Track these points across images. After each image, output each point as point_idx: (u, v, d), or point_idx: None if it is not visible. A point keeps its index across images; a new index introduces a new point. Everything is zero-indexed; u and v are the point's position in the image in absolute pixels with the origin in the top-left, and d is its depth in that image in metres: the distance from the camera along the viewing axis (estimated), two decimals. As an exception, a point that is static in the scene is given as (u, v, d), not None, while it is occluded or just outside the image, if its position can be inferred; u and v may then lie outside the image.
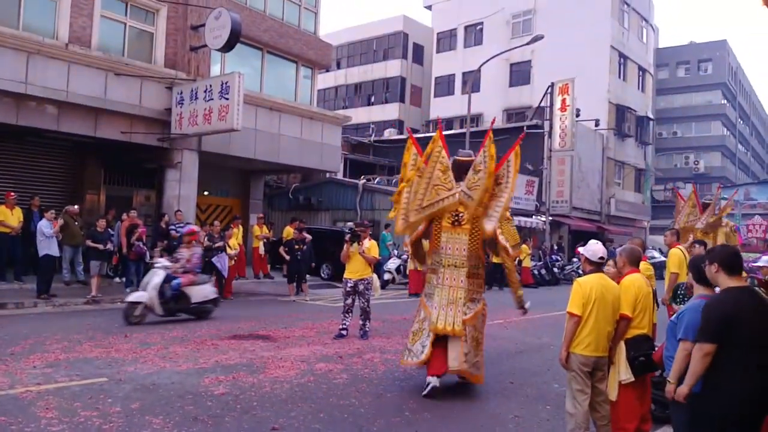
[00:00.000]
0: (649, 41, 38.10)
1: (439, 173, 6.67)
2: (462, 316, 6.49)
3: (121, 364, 7.20)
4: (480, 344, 6.73)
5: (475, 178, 6.56)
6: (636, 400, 5.06)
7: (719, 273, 3.65)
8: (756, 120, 66.52)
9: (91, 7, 13.85)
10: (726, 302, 3.53)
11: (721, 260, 3.67)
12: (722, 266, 3.65)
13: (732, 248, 3.91)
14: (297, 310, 12.58)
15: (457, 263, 6.63)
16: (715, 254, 3.75)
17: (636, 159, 36.13)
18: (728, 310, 3.47)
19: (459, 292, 6.58)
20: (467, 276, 6.63)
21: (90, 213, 16.03)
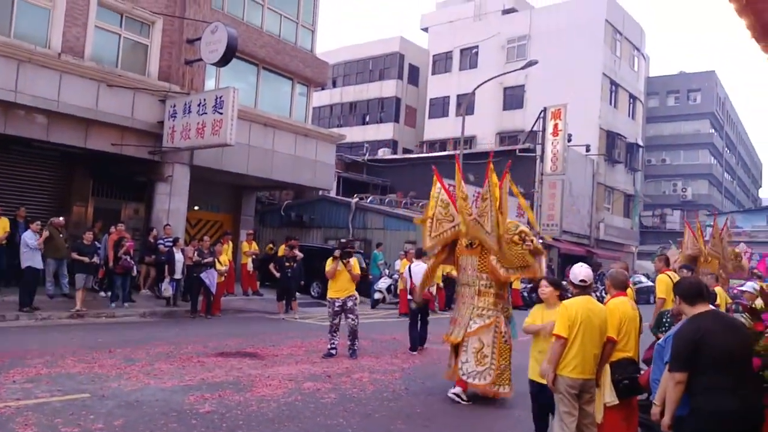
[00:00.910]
0: (640, 70, 38.59)
1: (440, 209, 7.63)
2: (465, 329, 7.15)
3: (104, 379, 7.02)
4: (485, 357, 7.07)
5: (483, 205, 7.15)
6: (622, 422, 5.09)
7: (682, 305, 3.84)
8: (742, 149, 67.39)
9: (86, 17, 13.78)
10: (690, 330, 3.66)
11: (681, 292, 3.86)
12: (683, 298, 3.83)
13: (690, 279, 4.11)
14: (286, 328, 12.41)
15: (470, 282, 7.38)
16: (677, 287, 3.93)
17: (625, 185, 36.37)
18: (692, 337, 3.60)
19: (468, 309, 7.31)
20: (477, 294, 7.32)
21: (77, 225, 15.79)
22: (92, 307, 12.49)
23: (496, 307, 7.27)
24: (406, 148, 39.07)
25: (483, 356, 7.06)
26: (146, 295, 14.55)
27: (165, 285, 13.59)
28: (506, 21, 36.92)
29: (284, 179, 18.71)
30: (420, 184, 27.99)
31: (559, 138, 27.37)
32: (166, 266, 13.59)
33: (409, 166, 31.40)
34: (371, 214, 23.06)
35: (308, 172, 19.20)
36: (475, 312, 7.21)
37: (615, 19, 34.17)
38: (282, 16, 18.97)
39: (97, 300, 13.36)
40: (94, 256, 12.46)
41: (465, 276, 7.44)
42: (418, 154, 34.79)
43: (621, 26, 34.78)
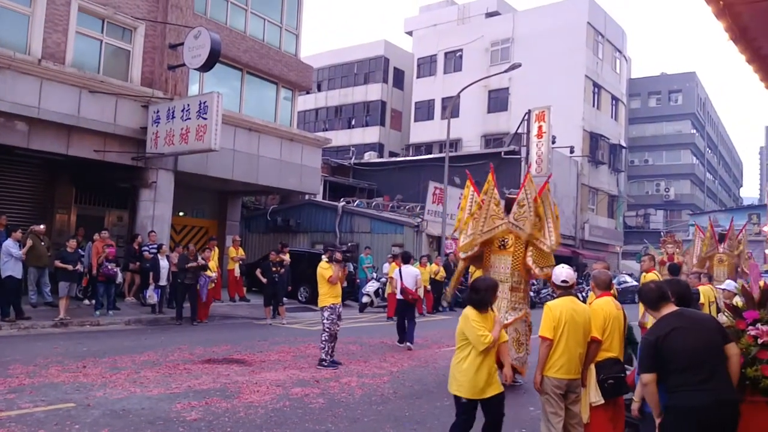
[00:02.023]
0: (622, 72, 38.93)
1: (493, 206, 8.19)
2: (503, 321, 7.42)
3: (89, 388, 6.92)
4: (522, 345, 8.14)
5: (521, 211, 8.03)
6: (609, 422, 5.09)
7: (648, 311, 3.91)
8: (723, 149, 68.22)
9: (66, 23, 13.64)
10: (651, 333, 3.72)
11: (643, 300, 3.92)
12: (646, 305, 3.89)
13: (649, 285, 4.06)
14: (273, 333, 12.33)
15: (503, 278, 7.99)
16: (640, 297, 4.03)
17: (609, 186, 36.64)
18: (653, 341, 3.66)
19: (502, 302, 7.87)
20: (510, 289, 8.11)
21: (60, 233, 15.63)
22: (76, 315, 12.33)
23: (525, 301, 8.37)
24: (393, 151, 39.12)
25: (520, 344, 8.11)
26: (131, 303, 14.40)
27: (150, 292, 13.46)
28: (489, 24, 37.12)
29: (270, 184, 18.64)
30: (407, 187, 28.08)
31: (543, 140, 27.53)
32: (151, 273, 13.46)
33: (396, 170, 31.45)
34: (358, 218, 23.04)
35: (294, 176, 19.14)
36: (509, 305, 8.09)
37: (597, 22, 34.46)
38: (266, 21, 18.93)
39: (81, 308, 13.20)
40: (78, 263, 12.31)
41: (497, 274, 8.14)
42: (404, 158, 34.86)
43: (603, 29, 35.09)
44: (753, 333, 4.00)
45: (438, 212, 21.55)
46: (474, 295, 4.86)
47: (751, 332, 4.00)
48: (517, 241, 8.15)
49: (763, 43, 5.17)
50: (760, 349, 3.92)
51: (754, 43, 5.31)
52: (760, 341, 3.94)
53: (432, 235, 22.01)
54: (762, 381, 3.83)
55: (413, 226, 22.04)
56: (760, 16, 4.82)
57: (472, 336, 4.65)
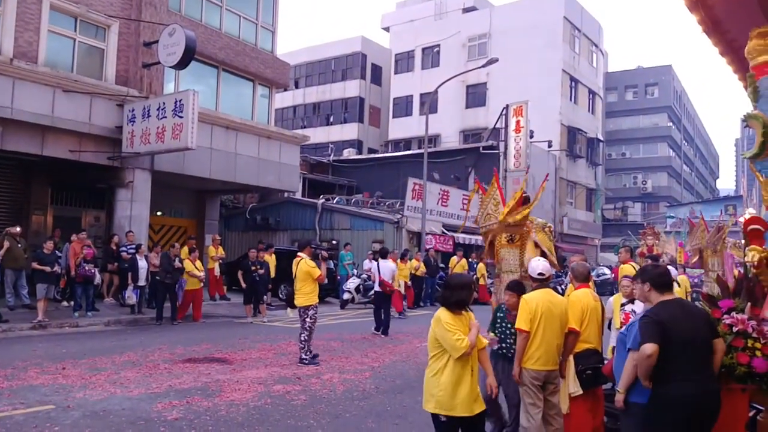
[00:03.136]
0: (599, 66, 39.34)
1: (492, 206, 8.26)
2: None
3: (69, 390, 6.88)
4: None
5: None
6: (588, 412, 5.16)
7: (651, 291, 3.84)
8: (699, 142, 69.18)
9: (38, 21, 13.43)
10: (659, 312, 3.70)
11: (651, 279, 3.86)
12: (653, 285, 3.83)
13: (661, 268, 4.09)
14: (254, 331, 12.31)
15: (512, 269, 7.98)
16: (647, 274, 3.92)
17: (587, 179, 37.04)
18: (662, 318, 3.64)
19: None
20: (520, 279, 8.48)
21: (36, 234, 15.42)
22: (55, 317, 12.21)
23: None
24: (371, 147, 39.12)
25: None
26: (110, 304, 14.27)
27: (129, 292, 13.37)
28: (467, 19, 37.24)
29: (248, 182, 18.55)
30: (386, 184, 28.12)
31: (521, 134, 27.72)
32: (130, 274, 13.36)
33: (375, 166, 31.47)
34: (338, 215, 23.05)
35: (273, 174, 19.07)
36: None
37: (573, 16, 34.77)
38: (241, 18, 18.81)
39: (59, 310, 13.07)
40: (55, 265, 12.18)
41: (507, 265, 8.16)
42: (383, 154, 34.88)
43: (579, 23, 35.41)
44: (728, 321, 4.06)
45: (417, 208, 21.61)
46: (447, 294, 4.17)
47: (726, 321, 4.07)
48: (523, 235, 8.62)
49: (736, 35, 5.20)
50: (735, 337, 3.98)
51: (727, 35, 5.36)
52: (735, 329, 4.01)
53: (412, 230, 22.09)
54: (737, 368, 3.90)
55: (393, 222, 22.10)
56: (732, 8, 4.86)
57: (447, 342, 3.95)
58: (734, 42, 5.33)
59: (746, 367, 3.88)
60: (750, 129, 4.56)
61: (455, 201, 25.10)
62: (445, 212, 24.37)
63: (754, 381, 3.91)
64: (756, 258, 4.09)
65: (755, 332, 3.95)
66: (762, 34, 4.42)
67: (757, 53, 4.46)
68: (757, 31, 4.45)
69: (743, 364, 3.89)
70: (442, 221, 24.03)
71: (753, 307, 4.12)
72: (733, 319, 4.05)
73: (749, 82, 4.52)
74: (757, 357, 3.87)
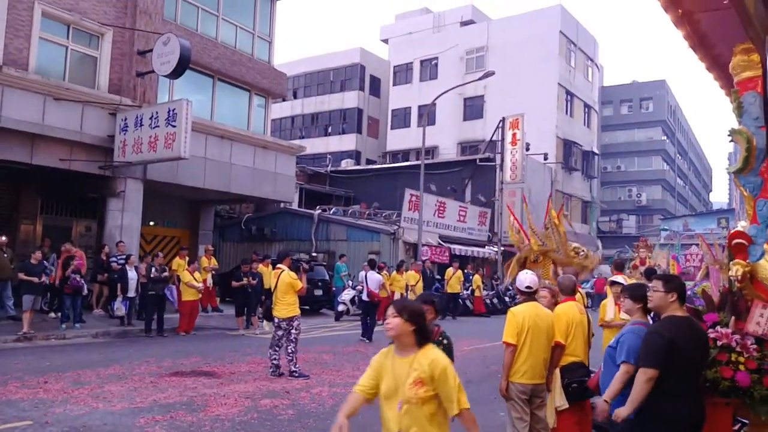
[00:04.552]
0: (594, 80, 39.45)
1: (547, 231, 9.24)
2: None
3: (49, 405, 6.65)
4: None
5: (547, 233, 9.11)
6: (575, 426, 5.15)
7: (675, 302, 3.77)
8: (693, 156, 69.48)
9: (29, 28, 13.28)
10: (670, 330, 3.66)
11: (679, 291, 3.81)
12: (680, 297, 3.80)
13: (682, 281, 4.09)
14: (245, 344, 12.08)
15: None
16: (676, 285, 3.85)
17: (582, 192, 37.01)
18: (671, 337, 3.60)
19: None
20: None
21: (25, 244, 15.21)
22: (41, 329, 11.95)
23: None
24: (369, 158, 39.04)
25: None
26: (99, 315, 14.03)
27: (118, 304, 13.13)
28: (465, 33, 37.37)
29: (243, 192, 18.36)
30: (383, 195, 27.98)
31: (517, 147, 27.71)
32: (119, 285, 13.13)
33: (372, 177, 31.36)
34: (334, 226, 22.88)
35: (268, 184, 18.90)
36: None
37: (569, 31, 34.89)
38: (238, 27, 18.73)
39: (46, 321, 12.81)
40: (42, 275, 11.95)
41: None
42: (380, 165, 34.80)
43: (575, 38, 35.53)
44: (713, 335, 4.07)
45: (414, 219, 21.47)
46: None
47: (711, 335, 4.07)
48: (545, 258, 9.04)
49: (722, 50, 5.23)
50: (719, 351, 4.00)
51: (713, 50, 5.39)
52: (719, 343, 4.03)
53: (408, 242, 21.92)
54: (721, 382, 3.92)
55: (390, 234, 21.93)
56: (718, 23, 4.87)
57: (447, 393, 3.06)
58: (720, 57, 5.36)
59: (730, 381, 3.91)
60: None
61: (452, 212, 25.00)
62: (442, 224, 24.26)
63: (737, 395, 3.92)
64: (740, 272, 4.10)
65: (739, 346, 3.99)
66: (745, 50, 4.47)
67: (741, 69, 4.52)
68: (740, 47, 4.50)
69: (727, 378, 3.91)
70: (439, 232, 23.90)
71: (737, 321, 4.16)
72: (717, 333, 4.08)
73: (733, 98, 4.59)
74: (740, 371, 3.91)
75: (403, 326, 3.11)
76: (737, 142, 4.47)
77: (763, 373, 3.91)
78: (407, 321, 3.11)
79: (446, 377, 3.03)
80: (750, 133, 4.36)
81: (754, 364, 3.93)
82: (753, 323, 4.05)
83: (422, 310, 3.27)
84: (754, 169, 4.38)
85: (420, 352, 3.12)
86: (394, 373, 3.14)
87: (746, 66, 4.48)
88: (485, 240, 27.10)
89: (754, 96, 4.42)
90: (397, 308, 3.17)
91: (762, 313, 4.04)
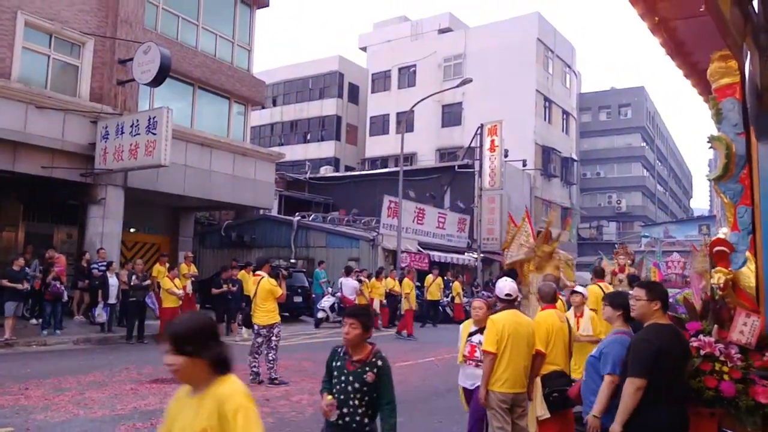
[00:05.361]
0: (572, 86, 40.03)
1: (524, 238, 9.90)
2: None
3: (30, 411, 6.79)
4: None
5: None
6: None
7: (659, 310, 3.74)
8: (673, 162, 70.33)
9: (12, 38, 13.38)
10: (658, 338, 3.62)
11: (663, 299, 3.78)
12: (663, 304, 3.77)
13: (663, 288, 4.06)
14: (225, 350, 12.20)
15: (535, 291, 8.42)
16: (659, 293, 3.82)
17: (562, 198, 37.47)
18: (659, 346, 3.57)
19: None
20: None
21: (6, 251, 15.22)
22: (23, 335, 12.03)
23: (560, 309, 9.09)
24: (348, 165, 39.27)
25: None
26: (80, 322, 14.10)
27: (98, 310, 13.24)
28: (442, 40, 37.80)
29: (223, 199, 18.54)
30: (362, 201, 28.20)
31: (496, 153, 28.05)
32: (100, 291, 13.23)
33: (352, 184, 31.58)
34: (314, 233, 23.04)
35: (248, 191, 19.08)
36: None
37: (546, 38, 35.43)
38: (217, 36, 18.90)
39: (28, 328, 12.88)
40: (24, 282, 12.01)
41: (533, 287, 8.89)
42: (359, 172, 35.02)
43: (552, 45, 36.09)
44: (696, 344, 4.00)
45: (393, 226, 21.72)
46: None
47: (693, 343, 4.00)
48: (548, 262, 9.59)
49: (699, 57, 5.23)
50: (703, 360, 3.93)
51: (690, 57, 5.40)
52: (702, 352, 3.95)
53: (388, 248, 22.16)
54: (705, 392, 3.85)
55: (369, 240, 22.15)
56: (694, 31, 4.89)
57: None
58: (698, 64, 5.36)
59: (714, 391, 3.82)
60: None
61: (431, 219, 25.25)
62: (421, 230, 24.50)
63: (722, 405, 3.84)
64: (722, 280, 4.05)
65: (722, 355, 3.91)
66: (723, 57, 4.44)
67: (719, 75, 4.49)
68: (718, 54, 4.47)
69: (711, 387, 3.83)
70: (418, 239, 24.14)
71: (720, 329, 4.08)
72: (700, 341, 4.01)
73: (712, 104, 4.55)
74: (725, 381, 3.82)
75: (184, 363, 2.19)
76: (717, 149, 4.42)
77: (749, 383, 3.82)
78: (188, 355, 2.18)
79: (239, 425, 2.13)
80: (729, 140, 4.30)
81: (739, 373, 3.84)
82: (736, 332, 3.96)
83: (199, 326, 2.27)
84: (734, 175, 4.31)
85: (213, 387, 2.23)
86: (182, 422, 2.27)
87: (724, 73, 4.44)
88: (465, 247, 27.38)
89: (733, 102, 4.38)
90: (172, 341, 2.21)
91: (745, 321, 3.95)
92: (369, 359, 3.59)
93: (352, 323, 3.60)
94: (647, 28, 4.95)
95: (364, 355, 3.61)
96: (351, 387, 3.56)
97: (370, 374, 3.55)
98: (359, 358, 3.61)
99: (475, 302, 5.36)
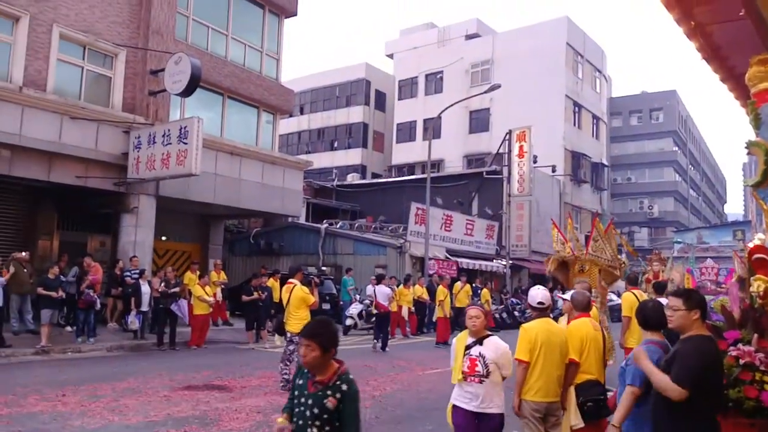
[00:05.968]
0: (603, 91, 39.53)
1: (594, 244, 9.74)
2: None
3: (67, 418, 6.88)
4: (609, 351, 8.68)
5: (596, 245, 9.47)
6: None
7: (698, 320, 3.54)
8: (706, 166, 69.04)
9: (47, 50, 13.72)
10: (708, 351, 3.47)
11: (702, 308, 3.58)
12: (702, 313, 3.57)
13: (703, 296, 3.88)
14: (255, 358, 12.29)
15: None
16: (697, 302, 3.59)
17: (592, 204, 36.97)
18: (707, 359, 3.43)
19: None
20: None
21: (42, 259, 15.53)
22: (58, 342, 12.23)
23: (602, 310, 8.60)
24: (375, 172, 39.34)
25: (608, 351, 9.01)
26: (113, 329, 14.31)
27: (131, 318, 13.39)
28: (469, 46, 37.67)
29: (252, 207, 18.71)
30: (389, 208, 28.19)
31: (524, 159, 27.81)
32: (133, 299, 13.41)
33: (379, 191, 31.61)
34: (341, 240, 23.08)
35: (276, 199, 19.22)
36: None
37: (576, 43, 35.07)
38: (246, 46, 19.12)
39: (63, 335, 13.10)
40: (59, 290, 12.23)
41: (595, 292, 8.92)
42: (386, 179, 35.04)
43: (582, 49, 35.71)
44: (734, 353, 3.89)
45: (421, 233, 21.65)
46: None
47: (732, 353, 3.89)
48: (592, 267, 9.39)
49: (736, 62, 5.18)
50: (742, 370, 3.82)
51: (727, 62, 5.36)
52: (741, 362, 3.84)
53: (415, 255, 22.09)
54: (745, 402, 3.72)
55: (396, 247, 22.11)
56: (731, 35, 4.84)
57: None
58: (735, 69, 5.30)
59: (755, 401, 3.69)
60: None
61: (458, 226, 25.13)
62: (449, 237, 24.39)
63: (763, 415, 3.71)
64: (762, 288, 3.95)
65: (763, 365, 3.77)
66: (762, 61, 4.35)
67: (758, 80, 4.40)
68: (757, 58, 4.39)
69: (752, 398, 3.70)
70: (446, 246, 24.03)
71: (760, 339, 3.95)
72: (739, 351, 3.88)
73: (750, 109, 4.46)
74: (766, 391, 3.70)
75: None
76: (755, 155, 4.29)
77: None
78: None
79: None
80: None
81: None
82: None
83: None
84: (773, 182, 4.20)
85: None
86: None
87: (763, 77, 4.34)
88: (493, 254, 27.18)
89: (773, 107, 4.27)
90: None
91: (787, 330, 3.75)
92: (332, 382, 3.07)
93: (307, 345, 3.08)
94: (683, 32, 4.90)
95: (326, 376, 3.09)
96: (309, 412, 3.04)
97: (332, 399, 3.02)
98: (321, 379, 3.09)
99: (470, 311, 4.88)
